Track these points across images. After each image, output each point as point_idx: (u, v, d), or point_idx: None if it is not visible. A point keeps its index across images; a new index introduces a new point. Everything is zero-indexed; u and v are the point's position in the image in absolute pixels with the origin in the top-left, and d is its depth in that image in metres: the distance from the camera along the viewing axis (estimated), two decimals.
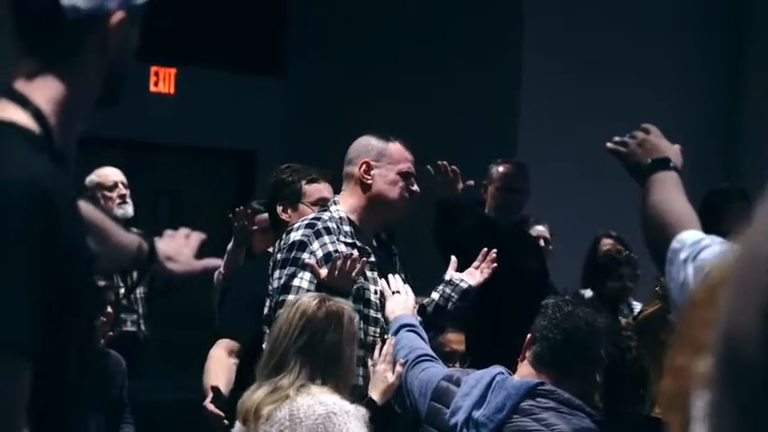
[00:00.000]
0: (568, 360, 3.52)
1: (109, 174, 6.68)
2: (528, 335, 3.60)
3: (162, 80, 10.54)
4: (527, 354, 3.58)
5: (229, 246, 5.87)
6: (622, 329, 3.65)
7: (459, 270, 4.47)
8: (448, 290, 4.39)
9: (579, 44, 9.00)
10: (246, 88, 10.70)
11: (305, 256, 4.10)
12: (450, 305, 4.38)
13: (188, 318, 7.97)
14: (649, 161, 2.83)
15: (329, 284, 3.97)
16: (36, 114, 1.85)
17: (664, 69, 9.26)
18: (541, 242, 6.92)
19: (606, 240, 6.78)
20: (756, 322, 0.81)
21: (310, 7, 10.85)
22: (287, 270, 4.11)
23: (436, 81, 9.47)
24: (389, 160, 4.27)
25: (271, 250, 4.59)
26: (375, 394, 3.90)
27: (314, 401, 3.47)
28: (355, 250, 4.13)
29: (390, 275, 4.26)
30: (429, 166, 5.62)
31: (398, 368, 3.87)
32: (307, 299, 3.71)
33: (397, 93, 9.63)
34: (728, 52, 9.53)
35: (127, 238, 2.50)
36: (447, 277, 4.42)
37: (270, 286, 4.20)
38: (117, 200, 6.55)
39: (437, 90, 9.45)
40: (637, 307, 6.09)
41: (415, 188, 4.32)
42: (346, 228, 4.20)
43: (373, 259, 4.24)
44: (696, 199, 3.68)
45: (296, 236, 4.16)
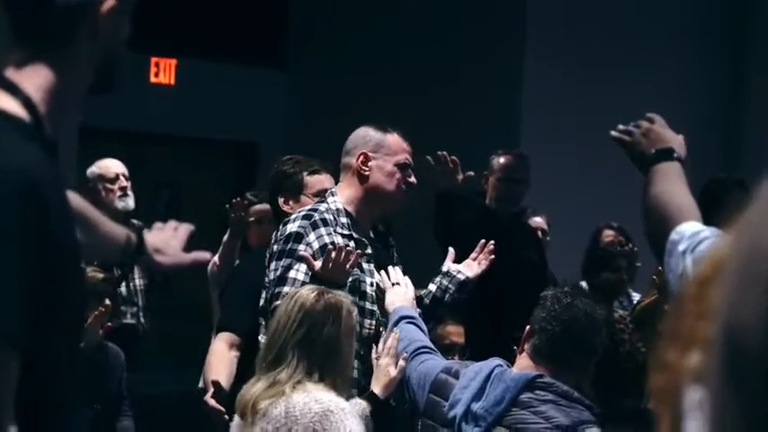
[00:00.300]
0: (567, 352, 3.52)
1: (110, 166, 6.65)
2: (527, 327, 3.59)
3: (162, 71, 10.51)
4: (525, 346, 3.57)
5: (225, 237, 5.85)
6: (616, 322, 3.64)
7: (457, 261, 4.45)
8: (445, 281, 4.37)
9: (581, 43, 9.00)
10: (248, 80, 10.68)
11: (301, 248, 4.08)
12: (447, 297, 4.36)
13: (187, 310, 7.96)
14: (653, 151, 2.81)
15: (323, 276, 3.94)
16: (26, 102, 1.83)
17: (664, 68, 9.25)
18: (539, 233, 6.91)
19: (608, 232, 6.77)
20: (758, 314, 0.80)
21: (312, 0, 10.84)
22: (283, 261, 4.09)
23: (438, 76, 9.46)
24: (387, 151, 4.25)
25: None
26: (377, 388, 3.88)
27: (309, 399, 3.44)
28: (352, 242, 4.11)
29: (390, 267, 4.24)
30: (429, 157, 5.62)
31: (401, 362, 3.85)
32: (305, 291, 3.68)
33: (400, 86, 9.62)
34: (729, 52, 9.52)
35: (115, 230, 2.49)
36: (444, 269, 4.40)
37: (266, 278, 4.19)
38: (118, 192, 6.54)
39: (439, 85, 9.44)
40: (636, 297, 6.09)
41: (413, 179, 4.30)
42: (343, 219, 4.18)
43: (370, 251, 4.22)
44: (696, 195, 3.66)
45: (292, 227, 4.14)
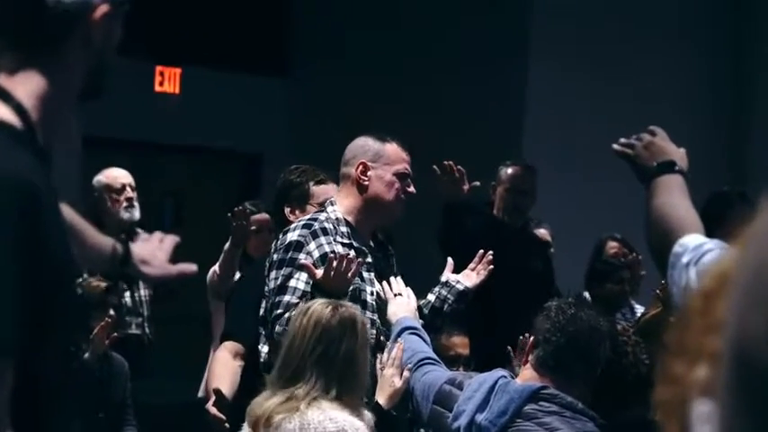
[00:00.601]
0: (571, 363, 3.51)
1: (117, 176, 6.61)
2: (531, 338, 3.59)
3: (167, 80, 10.52)
4: (529, 357, 3.56)
5: (226, 246, 5.86)
6: (619, 334, 3.63)
7: (456, 271, 4.45)
8: (444, 291, 4.37)
9: (584, 46, 8.99)
10: (252, 89, 10.68)
11: (301, 257, 4.07)
12: (446, 307, 4.36)
13: (192, 320, 7.96)
14: (655, 164, 2.81)
15: (325, 285, 3.93)
16: (18, 109, 1.83)
17: (668, 70, 9.24)
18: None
19: (612, 243, 6.76)
20: (766, 328, 0.80)
21: (317, 8, 10.84)
22: (283, 270, 4.08)
23: (442, 84, 9.46)
24: (386, 161, 4.24)
25: None
26: (382, 399, 3.87)
27: (324, 417, 3.42)
28: (352, 251, 4.10)
29: (392, 278, 4.24)
30: (435, 166, 5.62)
31: (406, 373, 3.84)
32: (319, 306, 3.63)
33: (403, 95, 9.62)
34: (733, 52, 9.51)
35: (102, 241, 2.50)
36: (443, 279, 4.40)
37: (266, 287, 4.18)
38: (124, 203, 6.50)
39: (442, 93, 9.44)
40: (639, 309, 6.08)
41: (412, 189, 4.29)
42: (343, 228, 4.18)
43: (370, 260, 4.21)
44: (701, 200, 3.67)
45: (292, 236, 4.14)
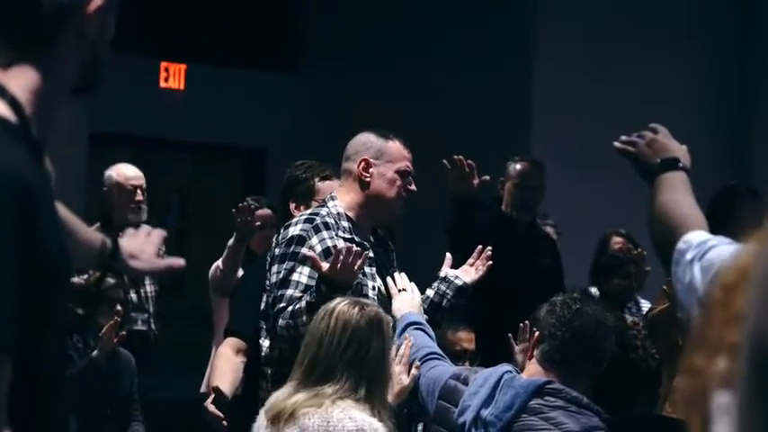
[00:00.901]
0: (577, 358, 3.52)
1: (130, 177, 6.56)
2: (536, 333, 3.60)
3: (172, 76, 10.53)
4: (535, 352, 3.57)
5: (230, 241, 5.87)
6: (628, 328, 3.63)
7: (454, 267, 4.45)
8: (443, 287, 4.36)
9: (590, 46, 9.00)
10: (257, 85, 10.69)
11: (304, 251, 4.07)
12: (445, 302, 4.35)
13: (198, 316, 7.97)
14: (658, 161, 2.81)
15: (331, 278, 3.92)
16: (12, 103, 1.81)
17: (673, 69, 9.24)
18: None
19: (617, 239, 6.77)
20: None
21: (321, 5, 10.84)
22: (285, 264, 4.08)
23: (447, 80, 9.46)
24: (388, 158, 4.24)
25: None
26: (389, 395, 3.86)
27: (344, 415, 3.38)
28: (354, 245, 4.10)
29: (396, 273, 4.25)
30: (445, 161, 5.62)
31: (414, 371, 3.83)
32: (344, 306, 3.54)
33: (407, 93, 9.62)
34: (738, 52, 9.51)
35: (91, 236, 2.51)
36: (442, 274, 4.39)
37: (267, 281, 4.18)
38: (132, 205, 6.48)
39: (448, 90, 9.44)
40: (644, 304, 6.09)
41: (413, 187, 4.29)
42: (344, 223, 4.18)
43: (371, 255, 4.21)
44: (704, 197, 3.67)
45: (294, 230, 4.14)
